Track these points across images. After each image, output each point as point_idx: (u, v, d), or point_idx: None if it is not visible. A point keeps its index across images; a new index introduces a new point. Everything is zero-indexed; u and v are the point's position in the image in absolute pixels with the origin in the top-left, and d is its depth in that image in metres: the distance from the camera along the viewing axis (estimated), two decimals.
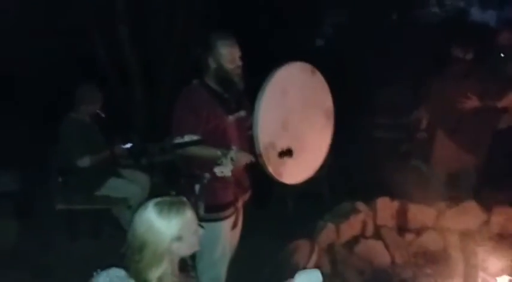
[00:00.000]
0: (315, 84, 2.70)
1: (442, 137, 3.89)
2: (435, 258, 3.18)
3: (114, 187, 3.50)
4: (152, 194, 2.10)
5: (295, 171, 2.61)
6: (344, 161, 4.80)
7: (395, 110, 5.47)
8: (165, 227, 1.58)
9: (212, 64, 2.44)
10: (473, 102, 3.65)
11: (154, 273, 1.55)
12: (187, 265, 1.89)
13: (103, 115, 3.65)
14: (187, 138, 2.42)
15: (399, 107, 5.39)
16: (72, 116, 3.52)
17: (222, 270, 2.65)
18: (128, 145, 3.74)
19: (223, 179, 2.49)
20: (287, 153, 2.49)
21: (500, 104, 3.73)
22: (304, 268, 2.57)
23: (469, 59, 3.69)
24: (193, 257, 2.48)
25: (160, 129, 2.51)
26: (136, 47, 5.32)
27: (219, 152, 2.43)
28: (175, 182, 2.49)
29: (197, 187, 2.48)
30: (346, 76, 5.57)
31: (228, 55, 2.41)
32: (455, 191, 3.85)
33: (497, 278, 2.64)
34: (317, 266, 2.84)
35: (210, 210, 2.48)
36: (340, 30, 7.96)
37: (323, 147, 2.81)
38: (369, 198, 3.52)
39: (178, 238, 1.60)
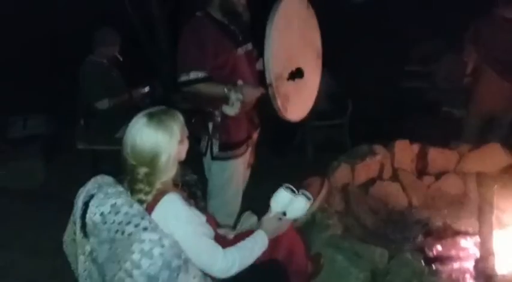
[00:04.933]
0: (310, 21, 2.62)
1: (490, 77, 3.70)
2: (453, 201, 3.12)
3: None
4: None
5: (297, 108, 2.57)
6: (368, 109, 4.73)
7: (427, 58, 5.31)
8: (170, 134, 1.62)
9: None
10: None
11: (166, 178, 1.62)
12: (196, 195, 1.94)
13: (121, 59, 3.68)
14: (193, 75, 2.34)
15: (431, 55, 5.23)
16: (91, 59, 3.57)
17: (236, 206, 2.68)
18: (146, 88, 3.77)
19: (236, 116, 2.45)
20: (298, 74, 2.40)
21: None
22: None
23: None
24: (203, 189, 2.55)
25: None
26: None
27: (225, 89, 2.36)
28: (188, 122, 2.52)
29: (210, 125, 2.46)
30: (381, 27, 5.39)
31: None
32: (486, 134, 3.73)
33: None
34: (329, 204, 2.86)
35: (224, 148, 2.48)
36: None
37: (315, 86, 2.74)
38: (388, 142, 3.46)
39: (180, 141, 1.66)
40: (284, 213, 1.87)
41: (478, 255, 2.48)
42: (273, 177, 3.60)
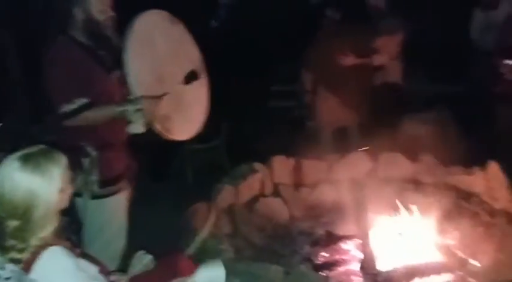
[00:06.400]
0: (179, 36, 2.53)
1: (326, 95, 4.07)
2: (329, 208, 3.30)
3: None
4: None
5: (183, 127, 2.47)
6: (242, 129, 4.84)
7: (289, 78, 5.64)
8: (48, 180, 1.41)
9: (79, 15, 2.15)
10: (351, 60, 3.85)
11: (44, 233, 1.40)
12: (71, 240, 1.73)
13: None
14: (78, 102, 2.08)
15: (291, 75, 5.57)
16: None
17: (120, 247, 2.44)
18: None
19: (113, 146, 2.26)
20: (192, 76, 2.31)
21: (376, 60, 4.01)
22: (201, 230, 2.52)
23: (339, 19, 3.88)
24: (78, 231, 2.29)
25: (42, 108, 2.16)
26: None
27: (119, 108, 2.13)
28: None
29: (86, 161, 2.20)
30: (242, 52, 5.57)
31: (98, 4, 2.14)
32: (344, 143, 4.09)
33: None
34: (217, 227, 2.81)
35: (104, 185, 2.25)
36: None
37: (203, 102, 2.67)
38: (266, 159, 3.57)
39: (62, 189, 1.46)
40: None
41: (360, 256, 2.65)
42: (154, 205, 3.48)
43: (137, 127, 2.22)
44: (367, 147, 3.71)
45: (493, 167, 3.07)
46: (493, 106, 4.45)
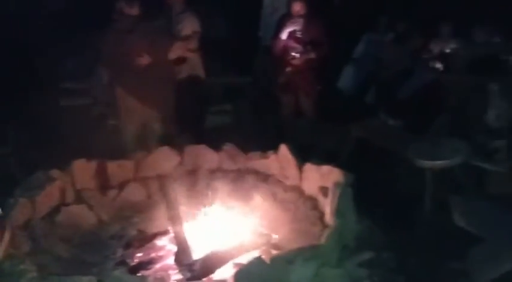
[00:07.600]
0: None
1: (124, 92, 3.98)
2: (140, 207, 3.25)
3: None
4: None
5: None
6: (33, 133, 4.36)
7: (82, 75, 5.29)
8: None
9: None
10: (144, 60, 3.84)
11: None
12: None
13: None
14: None
15: (84, 71, 5.23)
16: None
17: None
18: None
19: None
20: None
21: (171, 57, 4.09)
22: None
23: (135, 14, 3.83)
24: None
25: None
26: None
27: None
28: None
29: None
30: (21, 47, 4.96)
31: None
32: (149, 140, 4.07)
33: None
34: (14, 247, 2.49)
35: None
36: None
37: None
38: (65, 164, 3.29)
39: None
40: None
41: (175, 249, 2.68)
42: None
43: None
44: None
45: (283, 149, 3.43)
46: (278, 95, 5.02)
